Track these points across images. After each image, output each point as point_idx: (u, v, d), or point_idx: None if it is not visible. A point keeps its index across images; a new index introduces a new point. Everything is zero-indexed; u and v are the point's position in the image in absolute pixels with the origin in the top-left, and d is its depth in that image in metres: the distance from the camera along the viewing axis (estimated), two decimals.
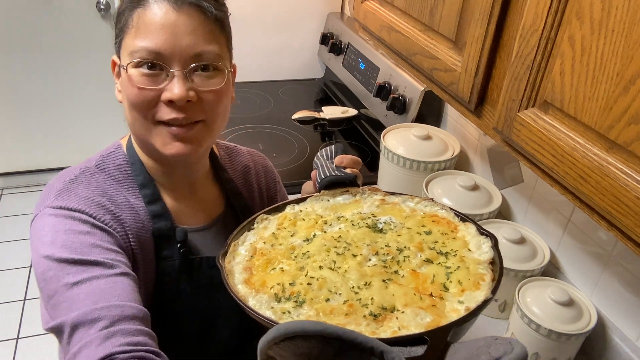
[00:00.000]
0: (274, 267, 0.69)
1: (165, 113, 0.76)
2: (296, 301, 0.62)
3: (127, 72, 0.76)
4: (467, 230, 0.75)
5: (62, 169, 0.86)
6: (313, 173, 0.91)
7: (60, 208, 0.74)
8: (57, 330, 0.67)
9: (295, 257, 0.70)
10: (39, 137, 3.05)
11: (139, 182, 0.84)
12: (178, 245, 0.85)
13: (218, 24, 0.79)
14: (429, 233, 0.75)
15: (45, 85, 2.92)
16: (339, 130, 1.92)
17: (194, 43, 0.75)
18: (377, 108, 1.80)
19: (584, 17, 0.64)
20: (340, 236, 0.73)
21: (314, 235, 0.74)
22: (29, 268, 2.62)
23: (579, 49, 0.65)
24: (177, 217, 0.88)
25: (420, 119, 1.61)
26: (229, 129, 1.84)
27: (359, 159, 0.92)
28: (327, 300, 0.62)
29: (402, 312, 0.60)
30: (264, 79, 2.28)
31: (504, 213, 1.37)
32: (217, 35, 0.79)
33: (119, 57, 0.81)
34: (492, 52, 0.84)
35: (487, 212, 1.24)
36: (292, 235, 0.75)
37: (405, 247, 0.71)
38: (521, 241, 1.14)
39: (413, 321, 0.58)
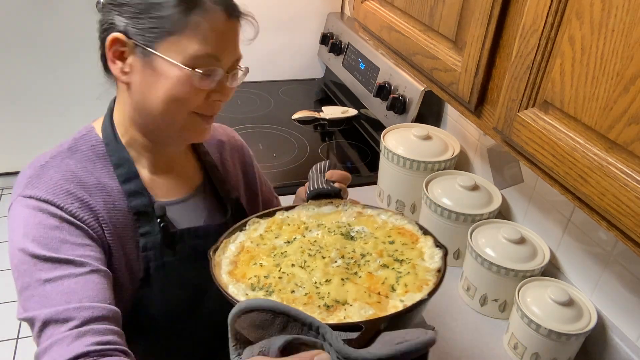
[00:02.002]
0: (255, 263, 0.79)
1: (211, 109, 0.85)
2: (267, 291, 0.73)
3: (183, 72, 0.78)
4: (426, 242, 0.85)
5: None
6: (306, 184, 0.98)
7: (30, 197, 0.77)
8: (29, 322, 0.71)
9: (275, 255, 0.81)
10: (39, 137, 3.05)
11: (114, 162, 0.86)
12: (158, 220, 0.87)
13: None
14: (392, 242, 0.85)
15: (45, 85, 2.93)
16: (339, 130, 1.92)
17: (238, 49, 0.84)
18: (377, 108, 1.80)
19: (584, 17, 0.64)
20: (315, 241, 0.84)
21: (295, 238, 0.85)
22: None
23: (579, 49, 0.65)
24: (155, 192, 0.90)
25: (420, 119, 1.61)
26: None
27: (349, 174, 0.97)
28: (292, 291, 0.73)
29: (351, 305, 0.71)
30: (264, 79, 2.28)
31: (504, 213, 1.37)
32: None
33: (144, 45, 0.78)
34: (492, 52, 0.84)
35: (487, 212, 1.24)
36: (276, 237, 0.85)
37: (368, 253, 0.82)
38: (521, 241, 1.14)
39: (357, 313, 0.69)
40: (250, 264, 0.78)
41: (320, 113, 1.97)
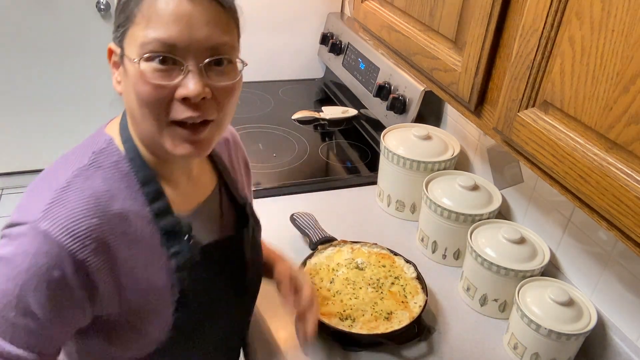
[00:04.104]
0: (327, 303, 1.10)
1: (180, 112, 0.71)
2: (352, 319, 1.07)
3: (137, 67, 0.69)
4: (399, 261, 1.22)
5: None
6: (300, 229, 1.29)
7: (45, 234, 0.68)
8: None
9: (334, 295, 1.12)
10: (39, 137, 3.05)
11: (141, 179, 0.78)
12: (186, 238, 0.81)
13: (232, 15, 0.75)
14: (384, 266, 1.20)
15: (45, 85, 2.92)
16: (339, 130, 1.92)
17: (210, 35, 0.70)
18: (377, 108, 1.80)
19: (584, 17, 0.64)
20: (347, 278, 1.16)
21: (332, 279, 1.16)
22: None
23: (579, 49, 0.65)
24: (175, 204, 0.82)
25: (420, 119, 1.61)
26: None
27: None
28: (363, 315, 1.08)
29: (396, 312, 1.09)
30: (264, 79, 2.28)
31: (504, 213, 1.37)
32: (232, 28, 0.74)
33: (120, 47, 0.74)
34: (492, 52, 0.84)
35: (487, 212, 1.24)
36: (321, 281, 1.16)
37: (379, 278, 1.17)
38: (521, 241, 1.14)
39: (402, 316, 1.09)
40: (325, 305, 1.09)
41: (320, 113, 1.97)
